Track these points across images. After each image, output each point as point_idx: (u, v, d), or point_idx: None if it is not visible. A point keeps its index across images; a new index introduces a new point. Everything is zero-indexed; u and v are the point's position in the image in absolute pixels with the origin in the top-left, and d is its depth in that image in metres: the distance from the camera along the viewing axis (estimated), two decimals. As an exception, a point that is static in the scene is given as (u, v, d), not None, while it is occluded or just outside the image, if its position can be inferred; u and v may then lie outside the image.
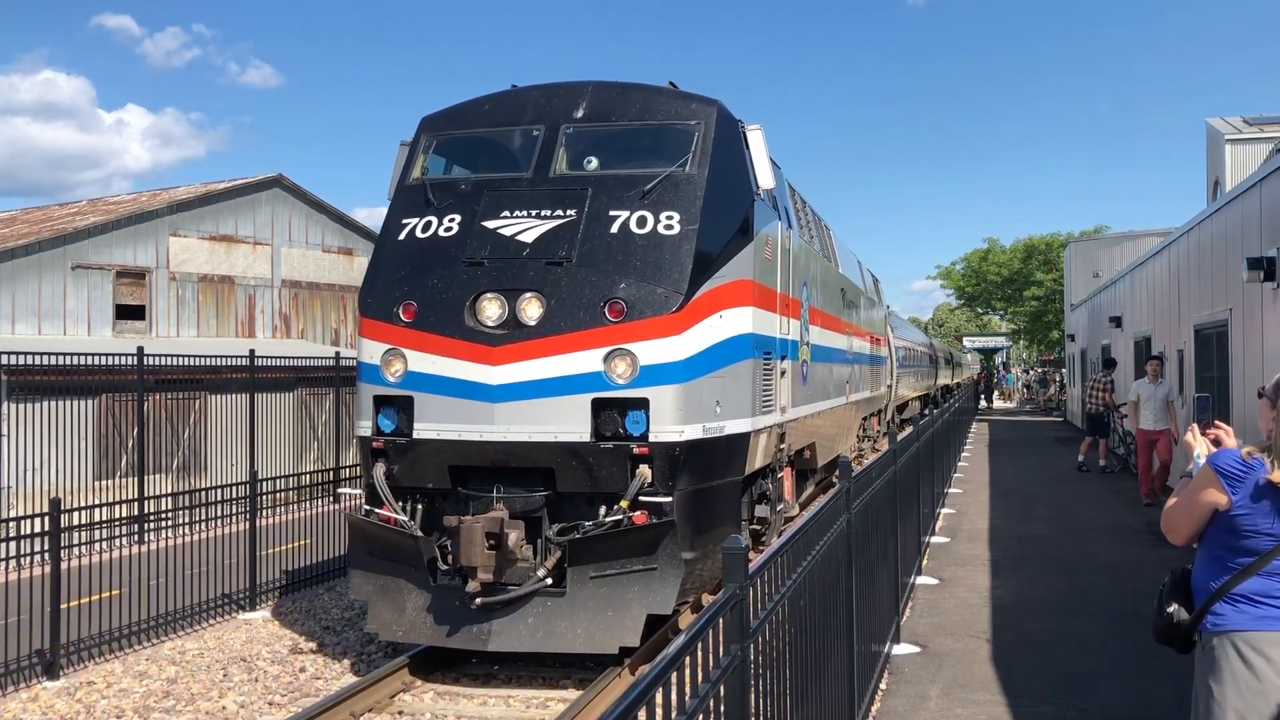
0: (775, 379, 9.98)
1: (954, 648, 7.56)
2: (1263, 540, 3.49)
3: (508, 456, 7.72)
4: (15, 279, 20.18)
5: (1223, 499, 3.55)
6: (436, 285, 8.10)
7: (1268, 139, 24.62)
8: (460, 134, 9.41)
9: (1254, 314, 11.59)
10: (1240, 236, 12.41)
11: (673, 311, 7.73)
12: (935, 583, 9.81)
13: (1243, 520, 3.51)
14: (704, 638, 2.69)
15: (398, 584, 7.96)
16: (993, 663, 7.18)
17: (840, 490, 5.20)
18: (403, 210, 8.82)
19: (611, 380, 7.65)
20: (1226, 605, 3.54)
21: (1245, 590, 3.51)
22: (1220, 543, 3.60)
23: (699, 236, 8.02)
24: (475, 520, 7.43)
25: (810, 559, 4.16)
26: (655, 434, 7.63)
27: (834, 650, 4.78)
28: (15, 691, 8.00)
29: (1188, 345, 15.55)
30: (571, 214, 8.16)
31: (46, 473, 14.20)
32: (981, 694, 6.53)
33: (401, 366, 8.09)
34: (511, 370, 7.72)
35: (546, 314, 7.76)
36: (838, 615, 4.92)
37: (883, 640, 6.88)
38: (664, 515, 7.55)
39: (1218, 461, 3.59)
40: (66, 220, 23.70)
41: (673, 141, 8.71)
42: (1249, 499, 3.49)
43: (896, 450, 7.87)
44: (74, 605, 8.64)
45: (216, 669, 8.53)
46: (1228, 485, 3.54)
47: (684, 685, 2.53)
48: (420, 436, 7.97)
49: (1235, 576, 3.53)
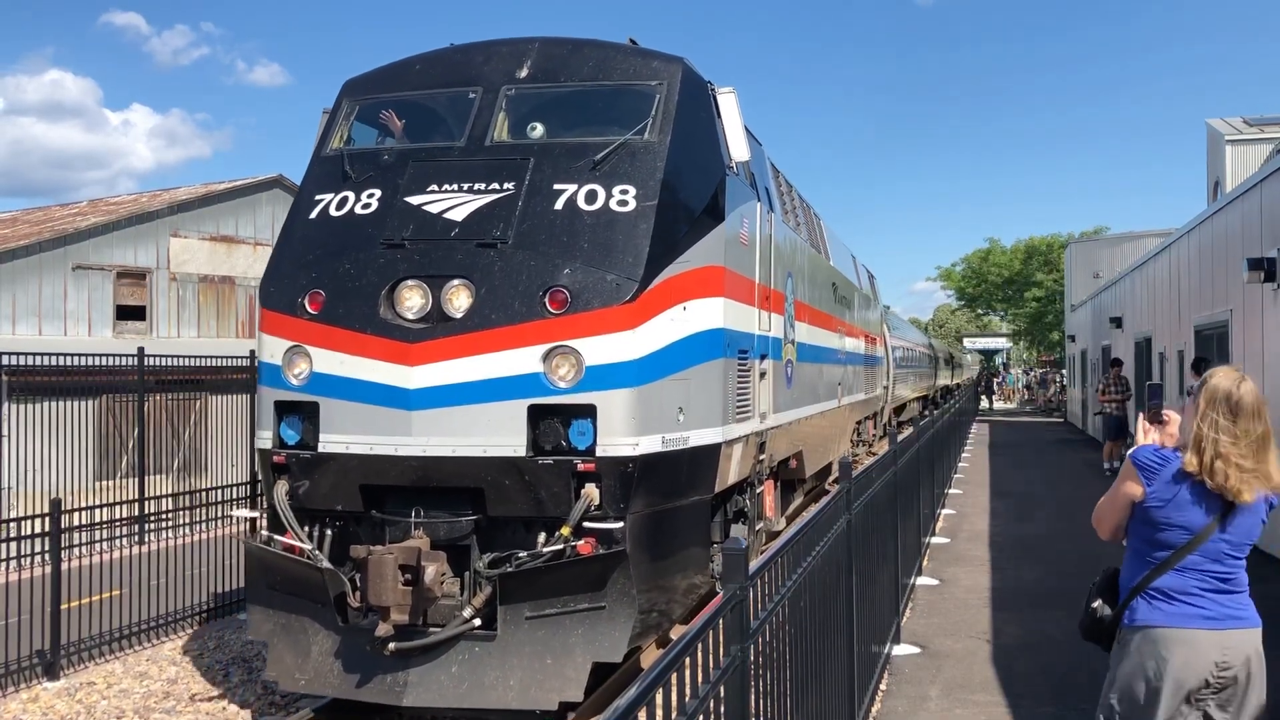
0: (753, 381, 8.86)
1: (954, 648, 7.56)
2: (1176, 533, 3.52)
3: (428, 474, 6.65)
4: (16, 279, 20.18)
5: (1138, 490, 3.58)
6: (348, 271, 7.03)
7: (1268, 140, 24.61)
8: (387, 98, 8.25)
9: (1254, 315, 11.60)
10: (1240, 237, 12.41)
11: (625, 302, 6.65)
12: (935, 583, 9.80)
13: (1156, 512, 3.54)
14: (704, 638, 2.70)
15: (302, 624, 6.85)
16: (993, 663, 7.18)
17: (840, 491, 5.20)
18: (316, 185, 7.73)
19: (552, 383, 6.57)
20: (1142, 601, 3.59)
21: (1160, 586, 3.55)
22: (1140, 536, 3.64)
23: (658, 214, 6.94)
24: (387, 551, 6.37)
25: (810, 560, 4.16)
26: (604, 447, 6.54)
27: (834, 651, 4.78)
28: (16, 692, 8.01)
29: (1188, 346, 15.55)
30: (509, 188, 7.08)
31: (47, 473, 14.20)
32: (982, 695, 6.53)
33: (306, 367, 7.00)
34: (432, 371, 6.64)
35: (475, 305, 6.69)
36: (838, 616, 4.92)
37: (883, 641, 6.87)
38: (614, 544, 6.47)
39: (1135, 454, 3.64)
40: (67, 221, 23.71)
41: (630, 105, 7.63)
42: (1163, 491, 3.53)
43: (896, 451, 7.87)
44: (74, 606, 8.64)
45: (217, 670, 8.53)
46: (1143, 477, 3.58)
47: (684, 686, 2.54)
48: (326, 450, 6.87)
49: (1152, 572, 3.57)
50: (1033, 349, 60.25)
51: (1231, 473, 3.44)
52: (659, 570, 6.96)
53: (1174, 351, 16.91)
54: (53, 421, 14.30)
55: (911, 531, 9.14)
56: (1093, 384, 26.92)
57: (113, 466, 16.62)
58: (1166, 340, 17.85)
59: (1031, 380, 61.15)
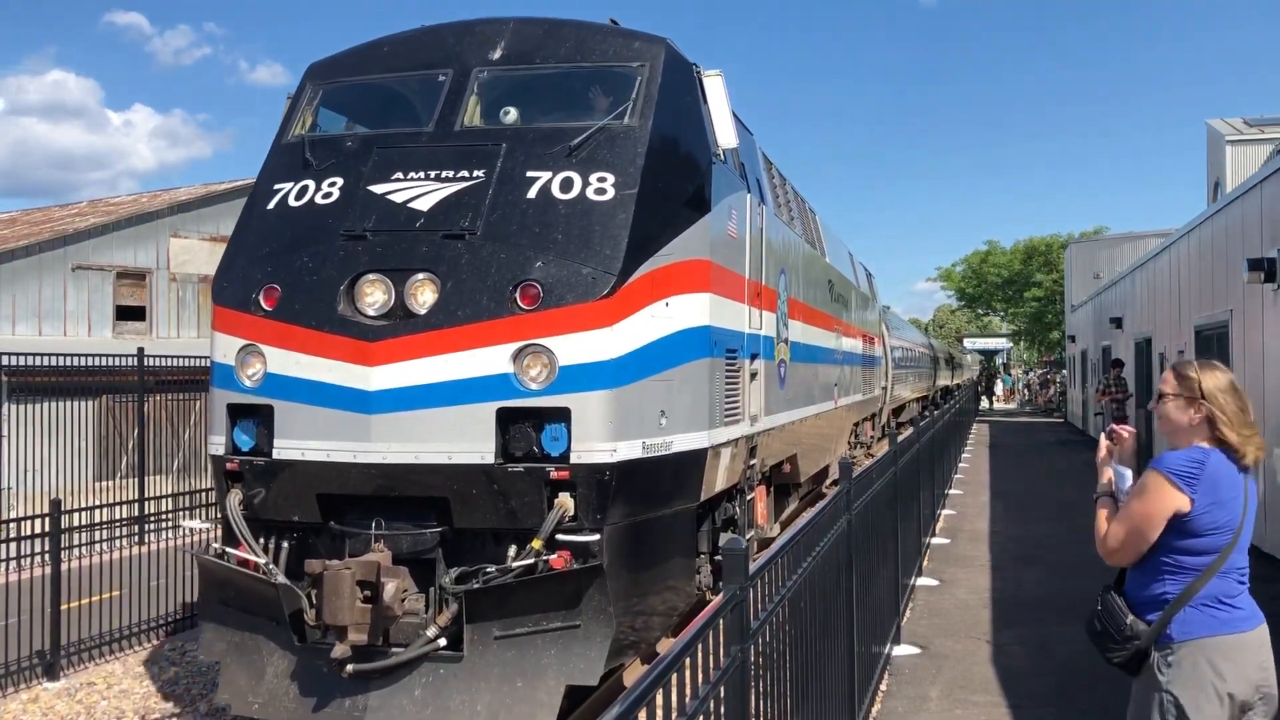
0: (743, 382, 8.39)
1: (954, 649, 7.56)
2: (1222, 536, 3.43)
3: (389, 483, 6.22)
4: (15, 280, 20.19)
5: (1185, 502, 3.40)
6: (307, 265, 6.61)
7: (1268, 140, 24.62)
8: (353, 82, 7.82)
9: (1254, 315, 11.60)
10: (1241, 237, 12.41)
11: (602, 297, 6.21)
12: (935, 584, 9.81)
13: (1204, 519, 3.41)
14: (704, 638, 2.70)
15: (256, 643, 6.46)
16: (993, 664, 7.18)
17: (840, 492, 5.20)
18: (275, 175, 7.31)
19: (523, 385, 6.14)
20: (1194, 612, 3.42)
21: (1211, 593, 3.42)
22: (1172, 549, 3.46)
23: (639, 203, 6.52)
24: (344, 566, 5.94)
25: (810, 560, 4.16)
26: (579, 453, 6.11)
27: (834, 651, 4.78)
28: (16, 692, 8.00)
29: (1188, 346, 15.55)
30: (479, 175, 6.65)
31: (47, 474, 14.20)
32: (982, 695, 6.53)
33: (260, 367, 6.58)
34: (394, 372, 6.21)
35: (441, 300, 6.25)
36: (838, 616, 4.92)
37: (883, 641, 6.87)
38: (590, 557, 6.08)
39: (1166, 464, 3.47)
40: (67, 221, 23.70)
41: (609, 88, 7.21)
42: (1207, 495, 3.41)
43: (896, 452, 7.86)
44: (74, 606, 8.64)
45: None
46: (1186, 486, 3.41)
47: (684, 686, 2.54)
48: (281, 457, 6.44)
49: (1197, 580, 3.42)
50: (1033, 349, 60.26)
51: (1253, 448, 3.49)
52: (639, 585, 6.55)
53: (1174, 352, 16.91)
54: (53, 422, 14.30)
55: (911, 532, 9.14)
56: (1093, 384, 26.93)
57: (113, 467, 16.63)
58: (1167, 340, 17.86)
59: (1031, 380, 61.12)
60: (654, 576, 6.75)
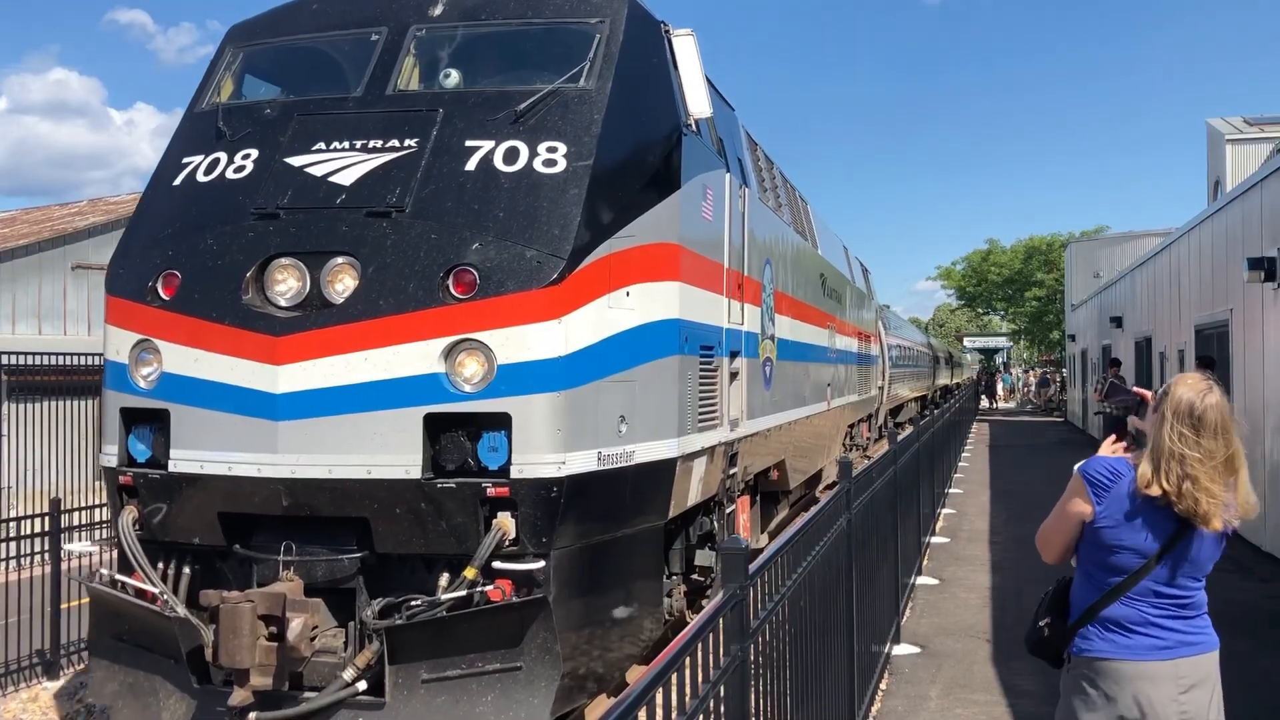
0: (721, 382, 7.62)
1: (954, 648, 7.56)
2: (1128, 556, 3.22)
3: (299, 501, 5.44)
4: (15, 279, 20.18)
5: (1087, 509, 3.27)
6: (211, 248, 5.82)
7: (1268, 139, 24.63)
8: (277, 44, 7.04)
9: (1255, 314, 11.60)
10: (1241, 236, 12.42)
11: (549, 284, 5.41)
12: (935, 583, 9.81)
13: (1107, 533, 3.23)
14: (704, 638, 2.70)
15: (153, 684, 5.67)
16: (993, 663, 7.18)
17: (840, 491, 5.21)
18: (184, 147, 6.53)
19: (455, 387, 5.37)
20: (1094, 629, 3.28)
21: (1112, 615, 3.25)
22: (1090, 559, 3.33)
23: (594, 177, 5.73)
24: (243, 599, 5.18)
25: (810, 559, 4.16)
26: (521, 466, 5.33)
27: (834, 650, 4.78)
28: (16, 691, 8.01)
29: (1188, 345, 15.56)
30: (412, 145, 5.89)
31: (46, 473, 14.20)
32: (982, 694, 6.53)
33: (156, 366, 5.81)
34: (304, 371, 5.41)
35: (362, 288, 5.48)
36: (838, 615, 4.92)
37: (883, 640, 6.88)
38: (534, 587, 5.31)
39: (1085, 467, 3.32)
40: (67, 220, 23.70)
41: (564, 47, 6.48)
42: (1114, 510, 3.22)
43: (896, 451, 7.87)
44: (74, 605, 8.64)
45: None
46: (1093, 494, 3.26)
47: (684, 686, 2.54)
48: (178, 469, 5.66)
49: (1103, 598, 3.27)
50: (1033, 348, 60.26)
51: (1203, 498, 3.10)
52: (594, 617, 5.78)
53: (1174, 351, 16.92)
54: (53, 421, 14.31)
55: (911, 531, 9.14)
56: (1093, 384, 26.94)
57: (113, 466, 16.61)
58: (1167, 340, 17.86)
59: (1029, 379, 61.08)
60: (612, 606, 5.97)
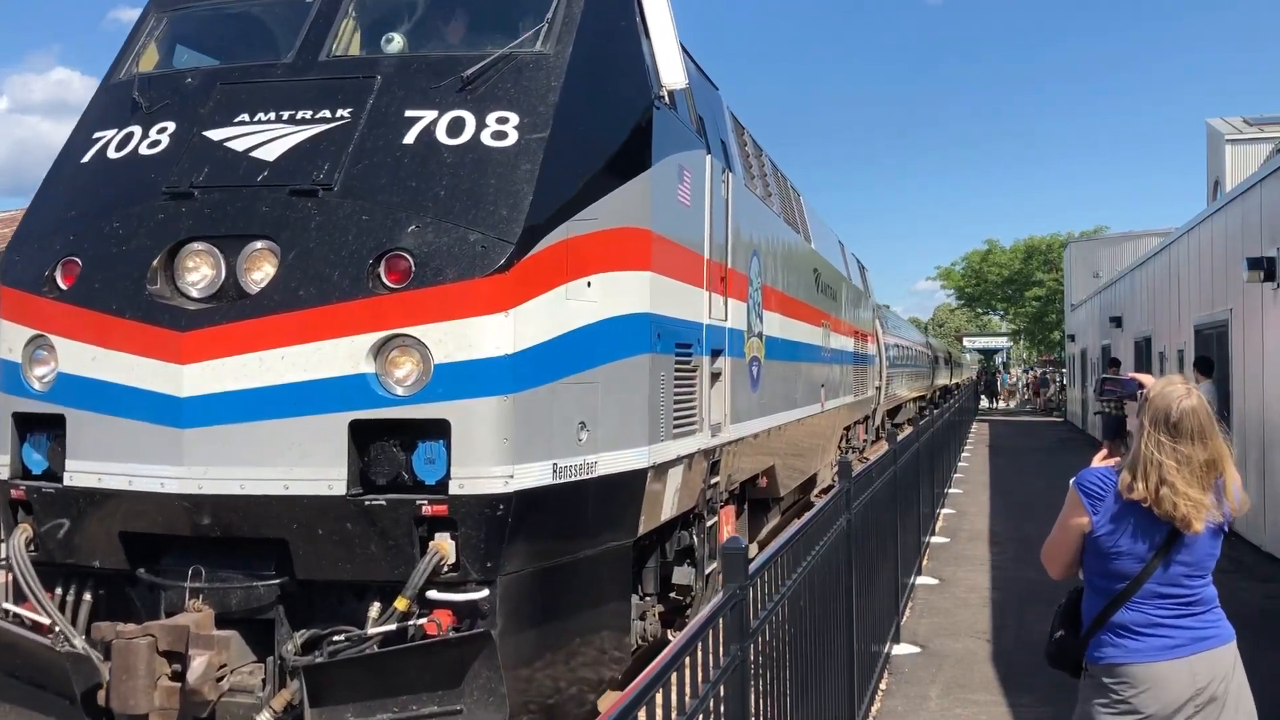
0: (701, 383, 7.01)
1: (954, 648, 7.56)
2: (1128, 562, 3.28)
3: (206, 519, 4.84)
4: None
5: (1085, 520, 3.33)
6: (116, 232, 5.19)
7: (1268, 139, 24.63)
8: (204, 8, 6.45)
9: (1254, 314, 11.61)
10: (1240, 236, 12.43)
11: (496, 272, 4.79)
12: (935, 583, 9.81)
13: (1105, 541, 3.30)
14: (704, 638, 2.70)
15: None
16: (993, 663, 7.18)
17: (840, 491, 5.21)
18: (96, 121, 5.90)
19: (386, 389, 4.77)
20: (1105, 637, 3.35)
21: (1120, 620, 3.31)
22: (1094, 568, 3.40)
23: (550, 152, 5.11)
24: (140, 633, 4.62)
25: (810, 559, 4.17)
26: (462, 480, 4.70)
27: (834, 650, 4.79)
28: (15, 692, 8.00)
29: (1188, 345, 15.57)
30: (345, 116, 5.26)
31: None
32: (982, 694, 6.53)
33: (52, 366, 5.16)
34: (213, 372, 4.80)
35: (281, 276, 4.86)
36: (837, 615, 4.93)
37: (883, 640, 6.88)
38: (477, 619, 4.72)
39: (1080, 479, 3.38)
40: (67, 220, 23.67)
41: (520, 8, 5.87)
42: (1109, 517, 3.29)
43: (896, 451, 7.87)
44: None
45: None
46: (1089, 504, 3.33)
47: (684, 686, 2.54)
48: (73, 483, 5.02)
49: (1109, 605, 3.34)
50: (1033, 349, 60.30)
51: (1180, 501, 3.14)
52: (550, 649, 5.17)
53: (1174, 351, 16.93)
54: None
55: (911, 531, 9.15)
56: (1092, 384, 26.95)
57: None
58: (1166, 340, 17.87)
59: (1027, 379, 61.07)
60: (572, 636, 5.36)
